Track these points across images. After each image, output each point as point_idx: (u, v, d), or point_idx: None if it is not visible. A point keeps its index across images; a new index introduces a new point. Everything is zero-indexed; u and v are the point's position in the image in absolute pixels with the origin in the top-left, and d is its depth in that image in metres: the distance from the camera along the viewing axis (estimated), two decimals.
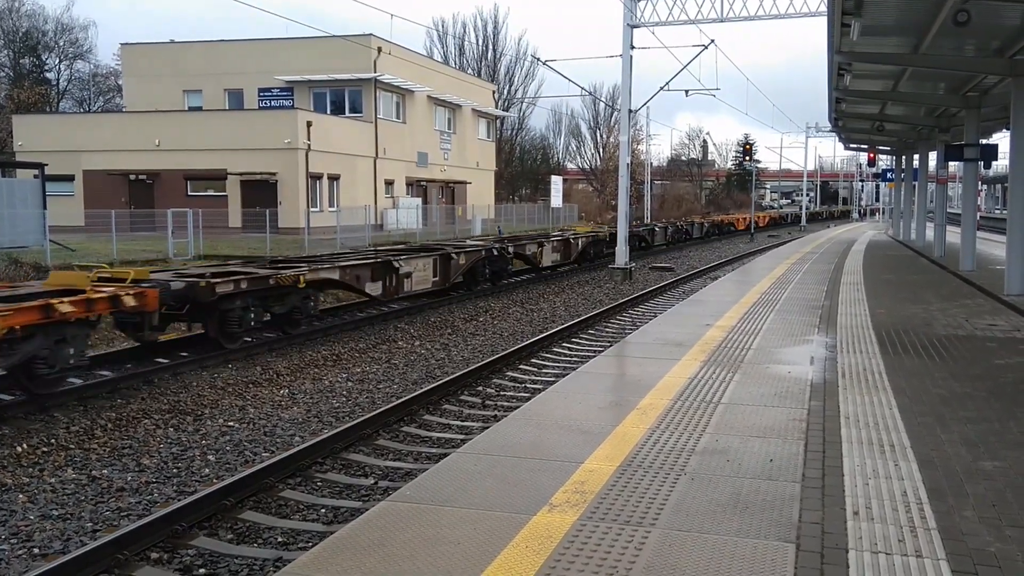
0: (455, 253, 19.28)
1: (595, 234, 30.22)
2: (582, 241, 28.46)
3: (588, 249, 28.90)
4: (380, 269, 16.21)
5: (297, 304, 13.95)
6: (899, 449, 5.73)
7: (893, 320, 11.85)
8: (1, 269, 18.45)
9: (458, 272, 19.31)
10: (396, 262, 16.52)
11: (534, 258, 24.30)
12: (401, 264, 16.61)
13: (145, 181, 41.04)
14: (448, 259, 18.82)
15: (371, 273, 15.94)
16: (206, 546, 6.09)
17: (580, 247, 28.14)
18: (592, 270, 28.27)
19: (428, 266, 17.89)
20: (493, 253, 21.05)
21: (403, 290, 16.75)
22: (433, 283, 18.19)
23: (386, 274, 16.28)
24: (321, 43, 41.77)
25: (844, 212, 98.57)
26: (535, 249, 24.51)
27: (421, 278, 17.47)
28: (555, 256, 25.94)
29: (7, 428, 8.89)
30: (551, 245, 25.73)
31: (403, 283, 16.67)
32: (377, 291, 16.10)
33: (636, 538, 4.20)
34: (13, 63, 67.06)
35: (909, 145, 34.85)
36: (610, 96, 77.40)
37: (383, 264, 16.34)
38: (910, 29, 15.27)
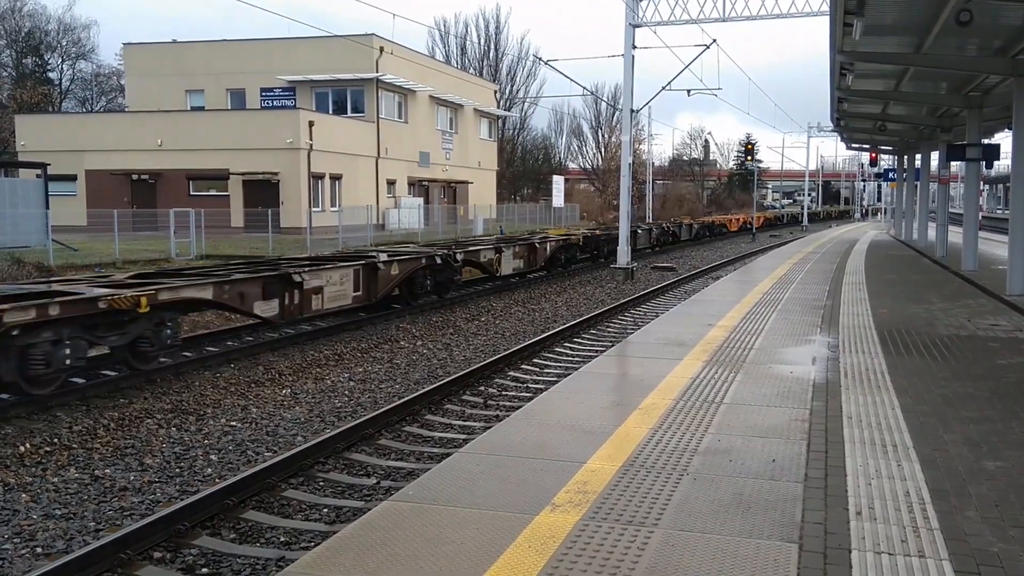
0: (384, 262, 16.25)
1: (566, 238, 27.14)
2: (551, 246, 25.39)
3: (558, 255, 26.03)
4: (275, 284, 13.27)
5: (147, 333, 10.92)
6: (902, 449, 5.73)
7: (895, 320, 11.85)
8: (4, 269, 18.46)
9: (389, 285, 16.41)
10: (298, 275, 13.63)
11: (490, 266, 21.20)
12: (305, 277, 13.76)
13: (147, 181, 41.08)
14: (374, 270, 15.88)
15: (262, 290, 12.95)
16: (209, 546, 6.09)
17: (549, 252, 25.13)
18: (594, 269, 28.26)
19: (347, 279, 14.98)
20: (436, 261, 18.23)
21: (309, 309, 13.96)
22: (355, 299, 15.25)
23: (284, 290, 13.39)
24: (323, 43, 41.82)
25: (843, 212, 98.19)
26: (491, 255, 21.33)
27: (336, 293, 14.67)
28: (517, 263, 22.73)
29: (10, 428, 8.90)
30: (512, 250, 22.43)
31: (309, 301, 13.89)
32: (271, 311, 13.16)
33: (639, 538, 4.20)
34: (16, 63, 67.13)
35: (911, 145, 34.84)
36: (612, 96, 77.45)
37: (279, 278, 13.40)
38: (912, 29, 15.26)
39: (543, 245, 24.65)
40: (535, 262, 23.86)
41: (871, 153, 47.45)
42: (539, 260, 24.14)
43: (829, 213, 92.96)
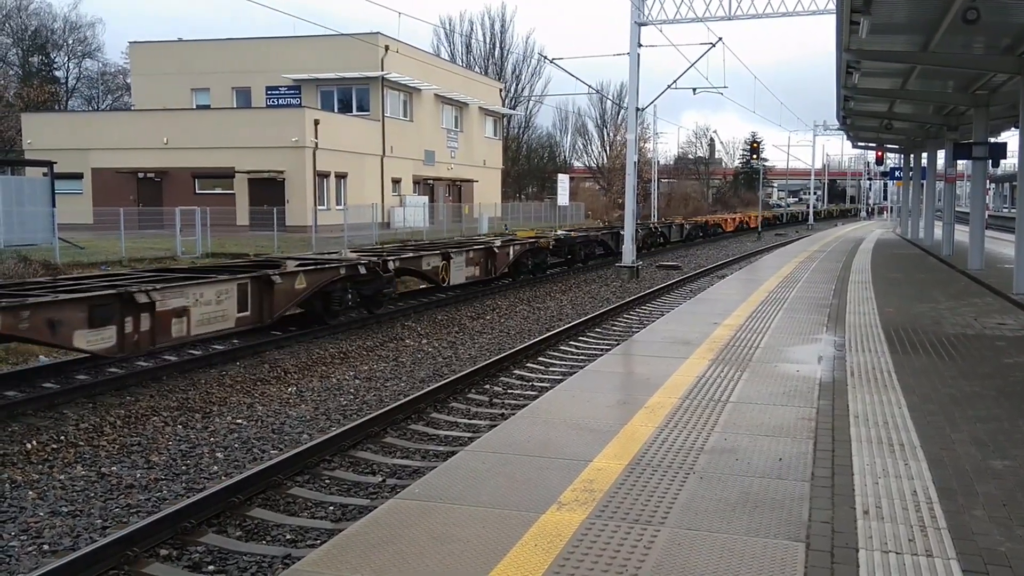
0: (284, 274, 13.35)
1: (534, 241, 23.88)
2: (515, 250, 22.22)
3: (524, 260, 23.10)
4: (111, 307, 10.29)
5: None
6: (909, 448, 5.71)
7: (902, 319, 11.82)
8: (11, 267, 18.51)
9: (292, 301, 13.65)
10: (144, 294, 10.66)
11: (435, 274, 18.27)
12: (156, 297, 10.81)
13: (153, 179, 41.16)
14: (268, 284, 13.01)
15: (87, 315, 9.98)
16: (215, 543, 6.10)
17: (512, 258, 22.08)
18: (599, 268, 28.24)
19: (227, 296, 12.18)
20: (359, 271, 15.33)
21: (167, 336, 11.09)
22: (240, 320, 12.50)
23: (125, 314, 10.44)
24: (329, 42, 41.86)
25: (843, 212, 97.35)
26: (436, 262, 18.24)
27: (210, 315, 11.84)
28: (472, 271, 19.76)
29: (16, 425, 8.93)
30: (465, 256, 19.50)
31: (166, 326, 11.01)
32: (104, 343, 10.19)
33: (645, 537, 4.20)
34: (22, 61, 67.33)
35: (917, 143, 34.74)
36: (617, 94, 77.32)
37: (117, 298, 10.42)
38: (919, 27, 15.21)
39: (504, 250, 21.57)
40: (494, 270, 20.89)
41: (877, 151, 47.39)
42: (499, 267, 21.14)
43: (830, 212, 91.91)
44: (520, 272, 23.05)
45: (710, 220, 50.64)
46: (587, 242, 28.49)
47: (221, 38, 47.41)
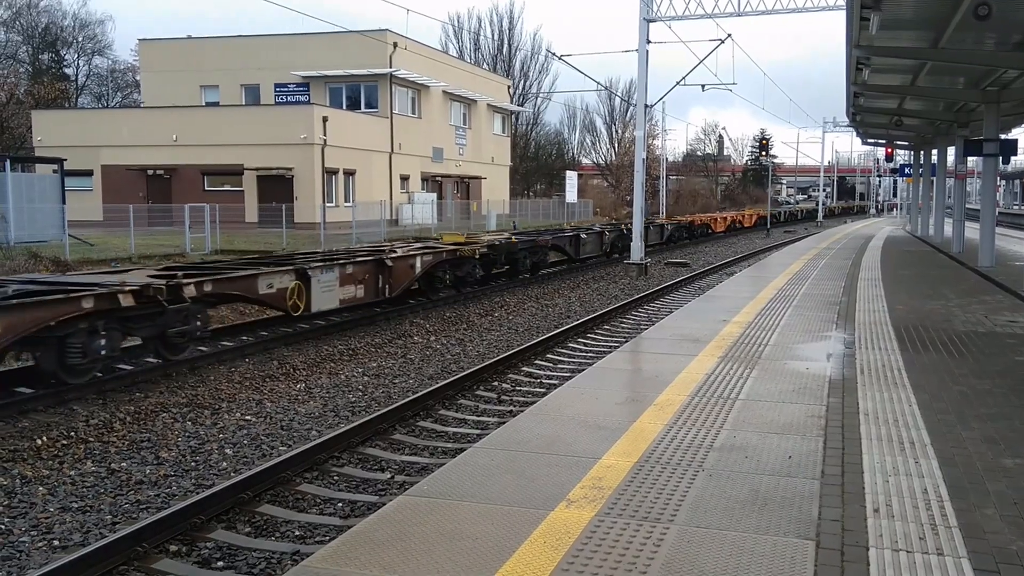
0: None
1: (456, 250, 18.46)
2: (423, 262, 16.83)
3: (439, 273, 17.88)
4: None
5: None
6: (919, 446, 5.69)
7: (912, 316, 11.77)
8: (21, 264, 18.59)
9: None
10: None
11: (281, 300, 12.95)
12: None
13: (162, 176, 41.28)
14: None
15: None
16: (224, 539, 6.12)
17: (419, 271, 16.74)
18: (607, 265, 28.20)
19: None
20: (121, 302, 10.30)
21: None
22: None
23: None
24: (337, 39, 41.89)
25: (853, 208, 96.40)
26: (286, 283, 13.00)
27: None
28: (351, 292, 14.59)
29: (27, 421, 8.97)
30: (339, 273, 14.17)
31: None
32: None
33: (654, 534, 4.19)
34: (32, 59, 67.57)
35: (927, 140, 34.60)
36: (626, 91, 77.28)
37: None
38: (930, 23, 15.14)
39: (406, 262, 16.33)
40: (387, 288, 15.61)
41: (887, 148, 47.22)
42: (398, 284, 15.92)
43: (831, 210, 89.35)
44: (437, 289, 18.04)
45: (697, 219, 44.36)
46: (534, 249, 22.99)
47: (230, 35, 47.54)
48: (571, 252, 26.45)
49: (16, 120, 54.16)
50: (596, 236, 28.48)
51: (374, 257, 15.75)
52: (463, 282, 18.97)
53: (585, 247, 27.12)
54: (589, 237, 27.70)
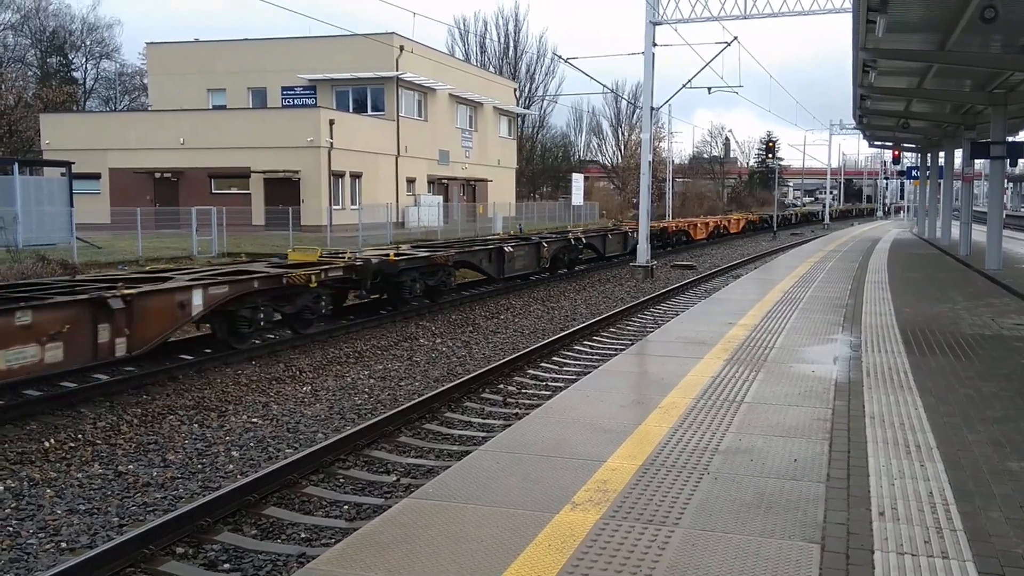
0: None
1: (282, 276, 13.19)
2: (206, 296, 11.52)
3: (246, 314, 12.48)
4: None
5: None
6: (925, 449, 5.68)
7: (919, 319, 11.74)
8: (29, 267, 18.66)
9: None
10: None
11: None
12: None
13: (170, 179, 41.41)
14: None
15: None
16: (230, 541, 6.14)
17: (198, 311, 11.45)
18: (613, 268, 28.18)
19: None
20: None
21: None
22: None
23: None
24: (344, 42, 41.98)
25: (860, 211, 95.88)
26: None
27: None
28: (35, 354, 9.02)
29: (35, 424, 9.01)
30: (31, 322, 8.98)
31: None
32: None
33: (659, 537, 4.19)
34: (41, 62, 67.86)
35: (934, 142, 34.52)
36: (632, 93, 77.24)
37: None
38: (936, 25, 15.11)
39: (160, 302, 10.84)
40: (117, 346, 10.08)
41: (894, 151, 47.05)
42: (141, 338, 10.48)
43: (825, 214, 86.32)
44: (243, 335, 12.60)
45: (672, 225, 38.01)
46: (430, 269, 17.40)
47: (237, 39, 47.66)
48: (490, 271, 19.94)
49: (25, 123, 54.36)
50: (531, 249, 22.38)
51: (89, 296, 9.93)
52: (298, 321, 13.83)
53: (514, 263, 21.24)
54: (519, 251, 21.70)
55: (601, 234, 29.18)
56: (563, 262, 25.14)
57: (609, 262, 28.98)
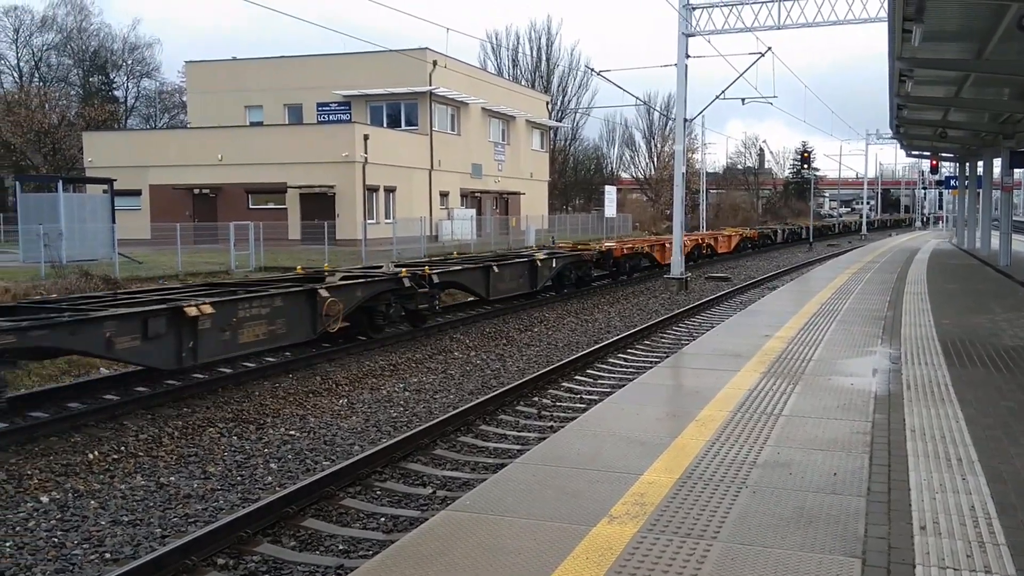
0: None
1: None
2: None
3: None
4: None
5: None
6: (966, 463, 5.61)
7: (959, 331, 11.58)
8: (72, 282, 19.02)
9: None
10: None
11: None
12: None
13: (208, 195, 42.01)
14: None
15: None
16: (270, 552, 6.21)
17: None
18: (647, 280, 28.07)
19: None
20: None
21: None
22: None
23: None
24: (378, 58, 42.36)
25: (897, 221, 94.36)
26: None
27: None
28: None
29: (79, 436, 9.18)
30: None
31: None
32: None
33: (698, 551, 4.18)
34: (83, 82, 69.31)
35: (973, 151, 34.03)
36: (665, 105, 77.06)
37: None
38: (973, 34, 14.95)
39: None
40: None
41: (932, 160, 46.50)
42: None
43: (862, 225, 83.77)
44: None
45: (619, 249, 26.85)
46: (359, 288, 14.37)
47: (274, 56, 48.35)
48: (421, 306, 15.86)
49: (68, 142, 55.61)
50: (447, 276, 17.25)
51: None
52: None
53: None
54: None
55: (571, 257, 23.52)
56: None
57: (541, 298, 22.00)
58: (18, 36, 66.54)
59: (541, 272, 21.27)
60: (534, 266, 21.00)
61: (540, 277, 21.24)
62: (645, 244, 30.93)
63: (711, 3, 25.29)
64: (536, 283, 21.13)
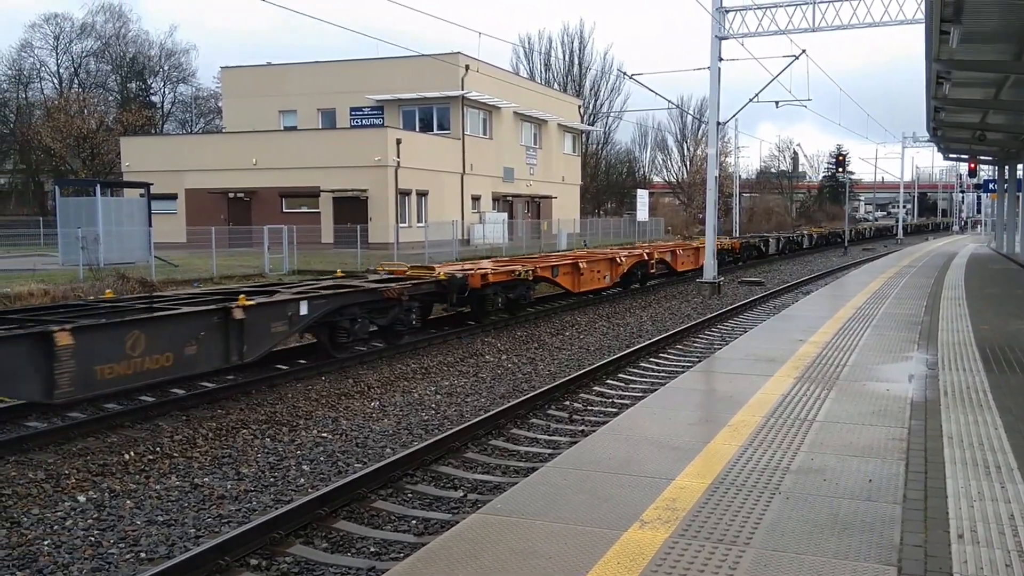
0: None
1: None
2: None
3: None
4: None
5: None
6: (1005, 470, 5.50)
7: (998, 336, 11.38)
8: (110, 284, 19.32)
9: None
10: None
11: None
12: None
13: (243, 199, 42.48)
14: None
15: None
16: (302, 554, 6.25)
17: None
18: (680, 284, 27.90)
19: None
20: None
21: None
22: None
23: None
24: (410, 62, 42.63)
25: (920, 226, 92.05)
26: None
27: None
28: None
29: (115, 436, 9.31)
30: None
31: None
32: None
33: (730, 557, 4.15)
34: (121, 87, 70.42)
35: (1012, 154, 33.46)
36: (697, 108, 76.67)
37: None
38: (1013, 36, 14.70)
39: None
40: None
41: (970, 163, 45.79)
42: None
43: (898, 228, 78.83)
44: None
45: (499, 274, 17.50)
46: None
47: (307, 61, 48.81)
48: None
49: (106, 147, 56.55)
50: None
51: None
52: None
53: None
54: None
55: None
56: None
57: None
58: (58, 43, 67.84)
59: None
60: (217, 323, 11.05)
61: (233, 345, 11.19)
62: (634, 252, 24.71)
63: (744, 6, 25.13)
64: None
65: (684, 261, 28.78)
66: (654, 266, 26.06)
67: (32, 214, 52.03)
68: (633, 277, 25.02)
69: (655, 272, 26.58)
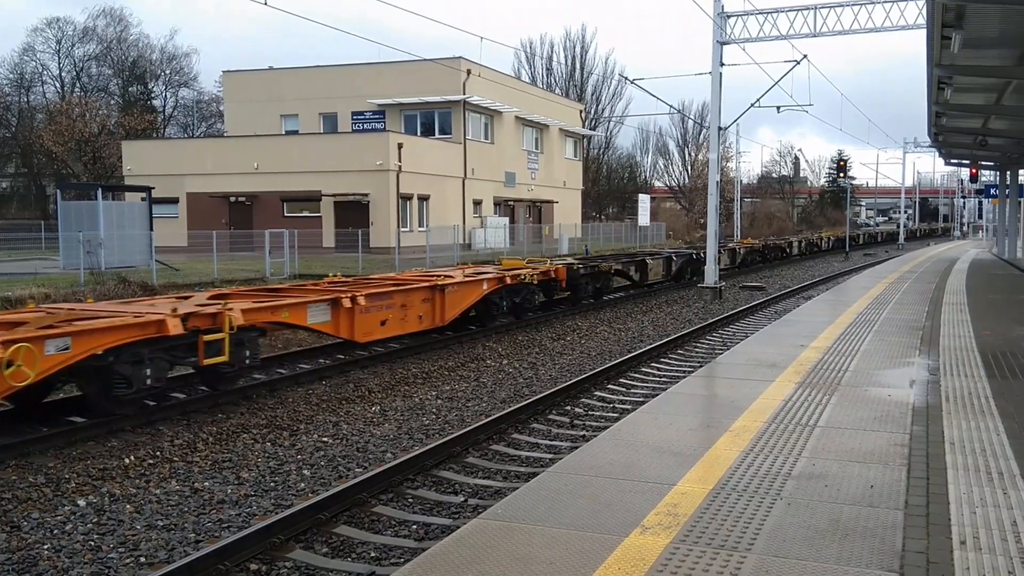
0: None
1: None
2: None
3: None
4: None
5: None
6: (1008, 477, 5.49)
7: (1000, 342, 11.36)
8: (111, 288, 19.32)
9: None
10: None
11: None
12: None
13: (244, 203, 42.50)
14: None
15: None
16: (302, 559, 6.23)
17: None
18: (681, 289, 27.90)
19: None
20: None
21: None
22: None
23: None
24: (412, 67, 42.69)
25: (922, 231, 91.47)
26: None
27: None
28: None
29: (116, 441, 9.30)
30: None
31: None
32: None
33: (731, 563, 4.13)
34: (122, 91, 70.53)
35: (1014, 160, 33.48)
36: (699, 113, 76.75)
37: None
38: (1014, 41, 14.71)
39: None
40: None
41: (971, 168, 45.80)
42: None
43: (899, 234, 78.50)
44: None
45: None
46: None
47: (309, 66, 48.86)
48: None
49: (107, 150, 56.66)
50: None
51: None
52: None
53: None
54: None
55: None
56: None
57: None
58: (60, 47, 68.03)
59: None
60: None
61: None
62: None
63: (746, 11, 25.14)
64: None
65: None
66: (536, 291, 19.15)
67: (34, 218, 52.16)
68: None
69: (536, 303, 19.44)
